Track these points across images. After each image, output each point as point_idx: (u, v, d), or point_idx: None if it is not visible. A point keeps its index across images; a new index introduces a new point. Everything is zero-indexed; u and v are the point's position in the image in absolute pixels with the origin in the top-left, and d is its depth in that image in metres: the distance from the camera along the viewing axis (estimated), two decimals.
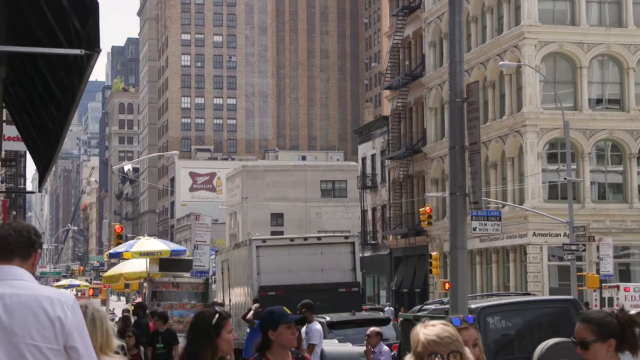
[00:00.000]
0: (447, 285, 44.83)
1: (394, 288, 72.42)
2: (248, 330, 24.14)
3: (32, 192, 61.96)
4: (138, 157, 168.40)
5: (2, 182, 39.48)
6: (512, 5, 57.60)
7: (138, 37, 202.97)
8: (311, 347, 18.16)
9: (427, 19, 68.13)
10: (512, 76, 57.44)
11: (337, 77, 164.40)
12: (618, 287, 47.38)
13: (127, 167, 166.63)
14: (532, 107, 55.24)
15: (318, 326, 18.92)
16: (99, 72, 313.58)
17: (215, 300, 36.07)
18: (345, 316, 25.71)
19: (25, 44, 10.64)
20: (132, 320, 26.02)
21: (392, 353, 18.64)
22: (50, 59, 10.20)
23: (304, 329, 18.20)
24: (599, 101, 57.14)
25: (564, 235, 50.25)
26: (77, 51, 8.23)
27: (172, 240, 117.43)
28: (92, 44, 8.12)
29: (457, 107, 16.72)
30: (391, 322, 26.17)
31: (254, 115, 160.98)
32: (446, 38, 61.81)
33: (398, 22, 72.58)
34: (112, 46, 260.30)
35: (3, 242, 5.14)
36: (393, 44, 74.13)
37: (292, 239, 34.37)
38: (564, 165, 51.55)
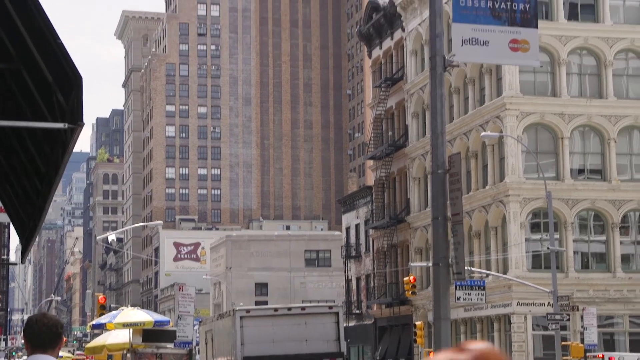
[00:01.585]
0: (431, 355, 44.64)
1: (378, 358, 71.99)
2: None
3: (15, 264, 61.62)
4: (122, 227, 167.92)
5: None
6: (494, 77, 58.22)
7: (123, 108, 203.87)
8: None
9: (409, 90, 68.76)
10: (495, 146, 57.84)
11: (320, 148, 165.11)
12: (603, 356, 47.23)
13: (111, 237, 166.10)
14: (515, 177, 55.55)
15: None
16: (84, 143, 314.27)
17: None
18: None
19: (9, 117, 10.73)
20: None
21: None
22: (34, 132, 10.29)
23: None
24: (580, 171, 57.52)
25: (548, 305, 50.22)
26: (60, 125, 8.31)
27: (155, 310, 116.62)
28: (76, 118, 8.21)
29: (440, 179, 16.83)
30: None
31: (238, 186, 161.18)
32: (429, 109, 62.35)
33: (381, 93, 73.21)
34: (97, 117, 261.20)
35: (40, 339, 6.62)
36: (376, 114, 74.68)
37: (276, 309, 34.28)
38: (547, 235, 51.70)
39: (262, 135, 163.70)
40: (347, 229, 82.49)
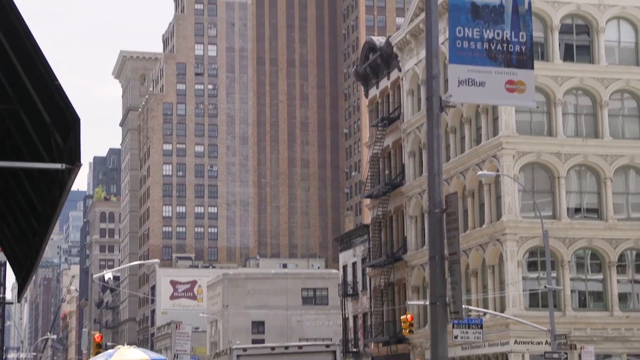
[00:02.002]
0: None
1: None
2: None
3: (11, 303, 61.42)
4: (119, 266, 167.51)
5: None
6: (490, 117, 58.41)
7: (120, 147, 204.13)
8: None
9: (406, 129, 68.93)
10: (491, 185, 57.92)
11: (317, 186, 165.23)
12: None
13: (108, 275, 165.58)
14: (512, 216, 55.57)
15: None
16: (81, 181, 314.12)
17: None
18: None
19: (7, 158, 10.76)
20: None
21: None
22: (31, 172, 10.33)
23: None
24: (577, 210, 57.57)
25: (545, 344, 50.08)
26: (57, 166, 8.36)
27: (152, 348, 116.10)
28: (73, 159, 8.26)
29: (437, 218, 16.85)
30: None
31: (235, 224, 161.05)
32: (425, 148, 62.45)
33: (378, 132, 73.38)
34: (94, 156, 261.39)
35: None
36: (373, 153, 74.81)
37: (273, 348, 34.13)
38: (544, 274, 51.63)
39: (259, 174, 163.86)
40: (344, 267, 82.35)
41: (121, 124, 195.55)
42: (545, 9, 57.23)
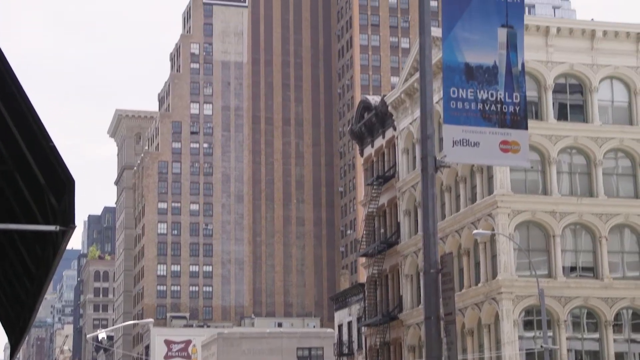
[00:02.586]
0: None
1: None
2: None
3: None
4: (113, 325, 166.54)
5: None
6: (485, 175, 58.53)
7: (115, 205, 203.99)
8: None
9: (401, 188, 69.01)
10: (487, 244, 57.86)
11: (313, 244, 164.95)
12: None
13: (102, 335, 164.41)
14: (507, 275, 55.44)
15: None
16: (75, 240, 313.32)
17: None
18: None
19: (1, 219, 10.74)
20: None
21: None
22: (25, 234, 10.30)
23: None
24: (573, 269, 57.46)
25: None
26: (52, 227, 8.34)
27: None
28: (67, 220, 8.24)
29: (432, 278, 16.79)
30: None
31: (230, 282, 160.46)
32: (421, 207, 62.52)
33: (373, 191, 73.45)
34: (89, 215, 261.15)
35: None
36: (368, 212, 74.81)
37: None
38: (540, 333, 51.40)
39: (254, 232, 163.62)
40: (340, 326, 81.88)
41: (116, 183, 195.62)
42: (538, 69, 57.66)
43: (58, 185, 8.27)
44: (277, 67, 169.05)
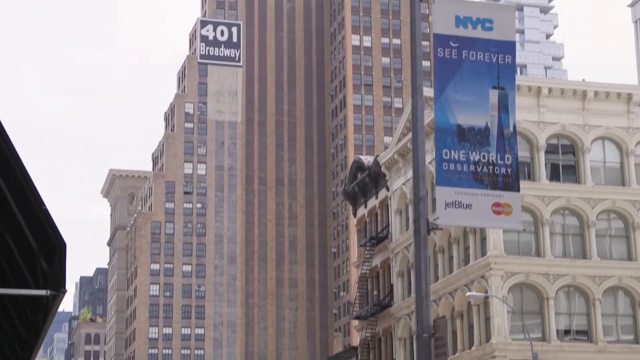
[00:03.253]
0: None
1: None
2: None
3: None
4: None
5: None
6: (478, 237, 58.48)
7: (107, 267, 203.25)
8: None
9: (394, 249, 68.87)
10: (480, 306, 57.62)
11: (305, 306, 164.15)
12: None
13: None
14: (501, 338, 55.12)
15: None
16: (66, 302, 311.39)
17: None
18: None
19: None
20: None
21: None
22: (16, 298, 10.23)
23: None
24: (567, 332, 57.16)
25: None
26: (42, 292, 8.29)
27: None
28: (58, 285, 8.20)
29: (425, 343, 16.68)
30: None
31: (222, 346, 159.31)
32: (414, 268, 62.35)
33: (366, 252, 73.28)
34: (81, 276, 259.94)
35: None
36: (361, 273, 74.56)
37: None
38: None
39: (247, 294, 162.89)
40: None
41: (109, 244, 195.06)
42: (531, 129, 57.93)
43: (49, 248, 8.25)
44: (270, 126, 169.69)
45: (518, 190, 16.56)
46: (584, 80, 61.17)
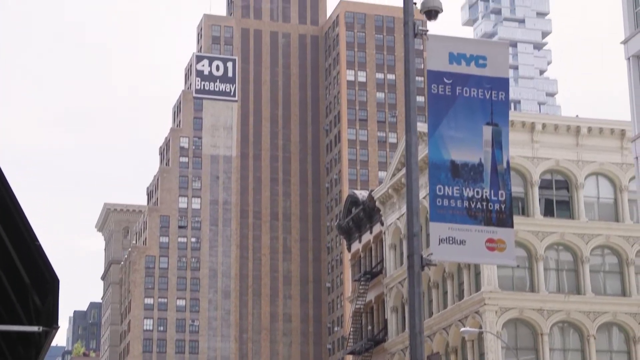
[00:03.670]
0: None
1: None
2: None
3: None
4: None
5: None
6: (472, 272, 58.42)
7: (101, 301, 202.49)
8: None
9: (388, 284, 68.76)
10: (474, 342, 57.45)
11: (299, 341, 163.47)
12: None
13: None
14: None
15: None
16: (60, 337, 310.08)
17: None
18: None
19: None
20: None
21: None
22: (9, 333, 10.22)
23: None
24: None
25: None
26: (34, 328, 8.29)
27: None
28: (51, 321, 8.20)
29: None
30: None
31: None
32: (408, 304, 62.20)
33: (360, 287, 73.14)
34: (74, 311, 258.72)
35: None
36: (355, 308, 74.38)
37: None
38: None
39: (241, 329, 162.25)
40: None
41: (103, 278, 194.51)
42: (525, 165, 58.05)
43: (43, 284, 8.26)
44: (265, 161, 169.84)
45: (512, 226, 16.59)
46: (577, 116, 61.40)
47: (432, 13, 17.49)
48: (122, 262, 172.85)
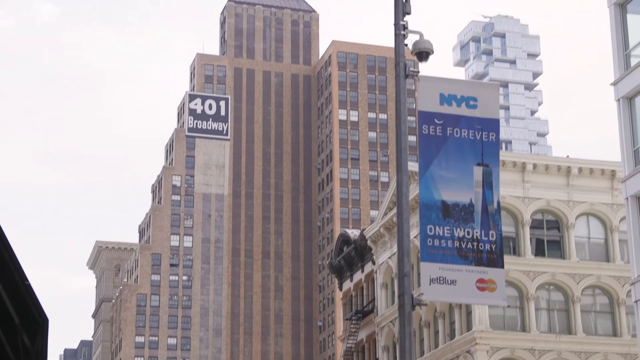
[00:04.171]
0: None
1: None
2: None
3: None
4: None
5: None
6: (464, 311, 58.32)
7: (92, 339, 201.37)
8: None
9: (380, 323, 68.57)
10: None
11: None
12: None
13: None
14: None
15: None
16: None
17: None
18: None
19: None
20: None
21: None
22: None
23: None
24: None
25: None
26: None
27: None
28: None
29: None
30: None
31: None
32: (399, 343, 61.95)
33: (352, 326, 72.92)
34: (65, 349, 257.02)
35: None
36: (347, 347, 74.09)
37: None
38: None
39: None
40: None
41: (93, 316, 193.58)
42: (516, 205, 58.16)
43: (32, 324, 8.26)
44: (257, 199, 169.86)
45: (502, 266, 16.64)
46: (568, 156, 61.59)
47: (423, 54, 17.65)
48: (114, 300, 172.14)
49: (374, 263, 70.67)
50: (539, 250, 58.79)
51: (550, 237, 59.39)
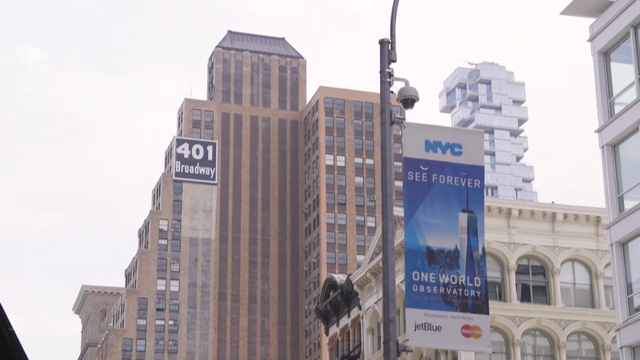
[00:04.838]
0: None
1: None
2: None
3: None
4: None
5: None
6: (450, 357, 58.21)
7: None
8: None
9: None
10: None
11: None
12: None
13: None
14: None
15: None
16: None
17: None
18: None
19: None
20: None
21: None
22: None
23: None
24: None
25: None
26: None
27: None
28: None
29: None
30: None
31: None
32: None
33: None
34: None
35: None
36: None
37: None
38: None
39: None
40: None
41: None
42: (501, 250, 58.25)
43: None
44: (244, 244, 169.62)
45: (487, 312, 16.69)
46: (553, 202, 61.81)
47: (408, 102, 17.83)
48: (99, 345, 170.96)
49: (360, 308, 70.55)
50: (524, 296, 58.82)
51: (535, 283, 59.45)
